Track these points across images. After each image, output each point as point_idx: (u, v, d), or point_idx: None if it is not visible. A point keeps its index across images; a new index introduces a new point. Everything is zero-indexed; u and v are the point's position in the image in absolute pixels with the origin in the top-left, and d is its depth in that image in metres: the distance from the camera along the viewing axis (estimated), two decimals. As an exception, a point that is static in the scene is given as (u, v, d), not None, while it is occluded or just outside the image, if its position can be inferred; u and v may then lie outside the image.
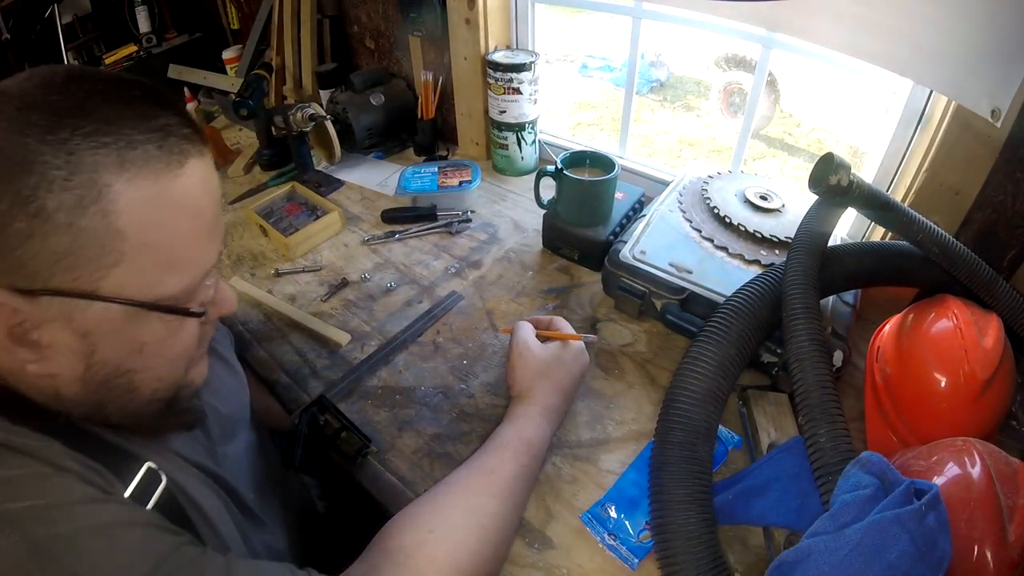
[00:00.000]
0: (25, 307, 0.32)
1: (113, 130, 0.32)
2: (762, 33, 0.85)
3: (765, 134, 3.37)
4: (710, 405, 0.53)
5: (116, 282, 0.33)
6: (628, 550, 0.53)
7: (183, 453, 0.45)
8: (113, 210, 0.31)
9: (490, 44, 1.06)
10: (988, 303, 0.61)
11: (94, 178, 0.31)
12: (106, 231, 0.31)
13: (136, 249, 0.33)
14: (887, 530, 0.38)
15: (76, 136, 0.30)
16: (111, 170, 0.31)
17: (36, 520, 0.30)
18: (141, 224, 0.32)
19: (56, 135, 0.30)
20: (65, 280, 0.32)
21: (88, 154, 0.30)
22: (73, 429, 0.37)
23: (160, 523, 0.35)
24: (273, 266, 0.93)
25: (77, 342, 0.34)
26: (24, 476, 0.32)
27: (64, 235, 0.30)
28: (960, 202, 0.71)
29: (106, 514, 0.33)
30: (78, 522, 0.31)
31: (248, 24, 1.48)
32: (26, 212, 0.29)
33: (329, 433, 0.62)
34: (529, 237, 0.97)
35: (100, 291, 0.33)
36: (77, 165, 0.30)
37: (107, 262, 0.32)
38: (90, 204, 0.31)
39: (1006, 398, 0.56)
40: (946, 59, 0.60)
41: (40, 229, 0.30)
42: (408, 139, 1.26)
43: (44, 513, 0.31)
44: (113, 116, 0.32)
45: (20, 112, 0.30)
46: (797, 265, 0.57)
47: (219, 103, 1.44)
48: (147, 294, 0.34)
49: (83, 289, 0.32)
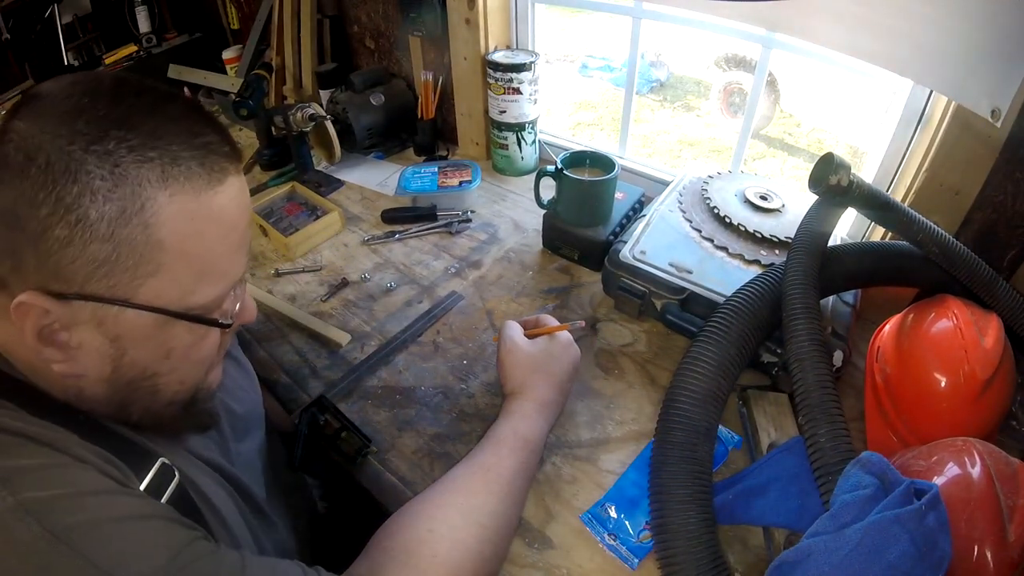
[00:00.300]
0: (56, 309, 0.32)
1: (159, 145, 0.32)
2: (762, 33, 0.85)
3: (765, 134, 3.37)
4: (710, 405, 0.53)
5: (152, 291, 0.34)
6: (628, 550, 0.53)
7: (196, 451, 0.45)
8: (154, 223, 0.32)
9: (490, 44, 1.06)
10: (988, 303, 0.61)
11: (137, 191, 0.31)
12: (146, 243, 0.32)
13: (174, 260, 0.33)
14: (887, 530, 0.38)
15: (121, 148, 0.31)
16: (154, 184, 0.32)
17: (55, 509, 0.31)
18: (180, 236, 0.33)
19: (102, 145, 0.30)
20: (101, 287, 0.32)
21: (133, 167, 0.31)
22: (89, 423, 0.37)
23: (175, 517, 0.36)
24: (273, 266, 0.93)
25: (107, 346, 0.35)
26: (44, 466, 0.32)
27: (104, 244, 0.31)
28: (960, 202, 0.71)
29: (123, 506, 0.33)
30: (96, 512, 0.32)
31: (248, 24, 1.48)
32: (67, 220, 0.30)
33: (329, 433, 0.62)
34: (529, 237, 0.97)
35: (135, 299, 0.33)
36: (122, 177, 0.31)
37: (145, 271, 0.33)
38: (132, 216, 0.31)
39: (1006, 398, 0.56)
40: (946, 59, 0.60)
41: (80, 237, 0.30)
42: (408, 139, 1.25)
43: (63, 503, 0.31)
44: (159, 131, 0.32)
45: (65, 118, 0.30)
46: (797, 265, 0.57)
47: (219, 103, 1.44)
48: (180, 303, 0.35)
49: (118, 296, 0.33)
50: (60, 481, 0.32)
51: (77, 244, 0.31)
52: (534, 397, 0.59)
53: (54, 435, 0.34)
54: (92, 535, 0.31)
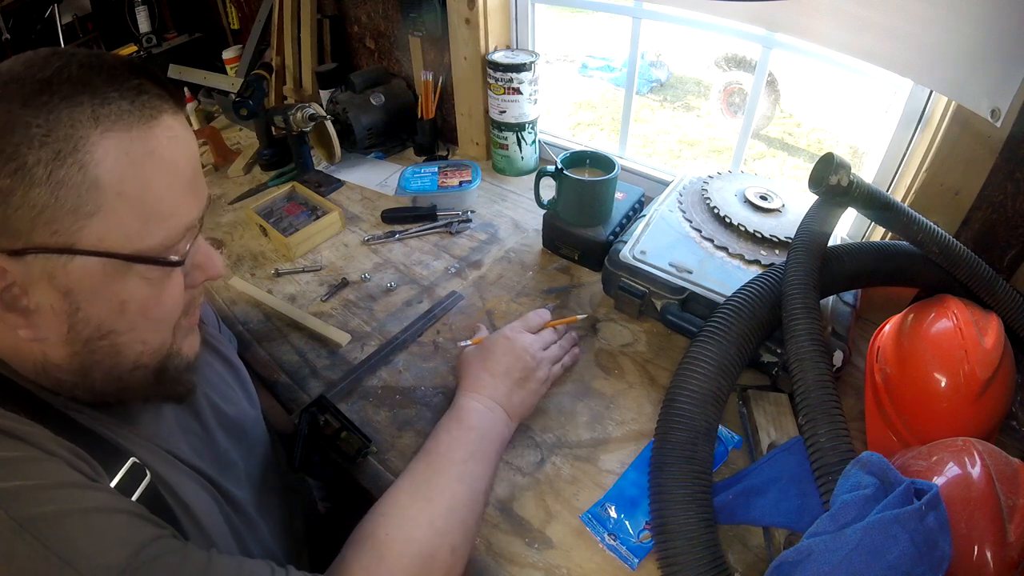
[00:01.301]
0: (13, 267, 0.33)
1: (88, 90, 0.33)
2: (762, 33, 0.85)
3: (765, 134, 3.37)
4: (710, 405, 0.53)
5: (94, 234, 0.34)
6: (628, 550, 0.53)
7: (175, 451, 0.45)
8: (89, 161, 0.33)
9: (490, 44, 1.06)
10: (988, 303, 0.61)
11: (70, 132, 0.32)
12: (83, 181, 0.33)
13: (113, 199, 0.34)
14: (887, 530, 0.38)
15: (55, 98, 0.32)
16: (86, 124, 0.33)
17: (22, 500, 0.31)
18: (117, 175, 0.34)
19: (37, 99, 0.32)
20: (46, 235, 0.33)
21: (65, 112, 0.32)
22: (63, 419, 0.38)
23: (143, 514, 0.36)
24: (273, 266, 0.93)
25: (60, 301, 0.35)
26: (13, 459, 0.33)
27: (43, 188, 0.32)
28: (960, 202, 0.71)
29: (91, 499, 0.34)
30: (63, 504, 0.32)
31: (248, 24, 1.48)
32: (7, 170, 0.31)
33: (329, 433, 0.62)
34: (529, 237, 0.97)
35: (79, 244, 0.34)
36: (55, 122, 0.32)
37: (85, 212, 0.33)
38: (67, 156, 0.32)
39: (1006, 398, 0.56)
40: (946, 59, 0.60)
41: (21, 184, 0.31)
42: (408, 139, 1.25)
43: (31, 494, 0.32)
44: (91, 79, 0.33)
45: (4, 86, 0.32)
46: (797, 265, 0.57)
47: (219, 103, 1.44)
48: (125, 247, 0.35)
49: (63, 243, 0.33)
50: (28, 473, 0.32)
51: (19, 193, 0.31)
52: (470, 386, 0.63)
53: (25, 428, 0.34)
54: (56, 526, 0.31)
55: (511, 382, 0.63)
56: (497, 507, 0.58)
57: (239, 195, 1.12)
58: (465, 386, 0.63)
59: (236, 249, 0.98)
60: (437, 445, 0.56)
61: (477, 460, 0.55)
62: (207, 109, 1.48)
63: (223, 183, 1.18)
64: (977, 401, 0.53)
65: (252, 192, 1.13)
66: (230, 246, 0.99)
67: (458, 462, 0.54)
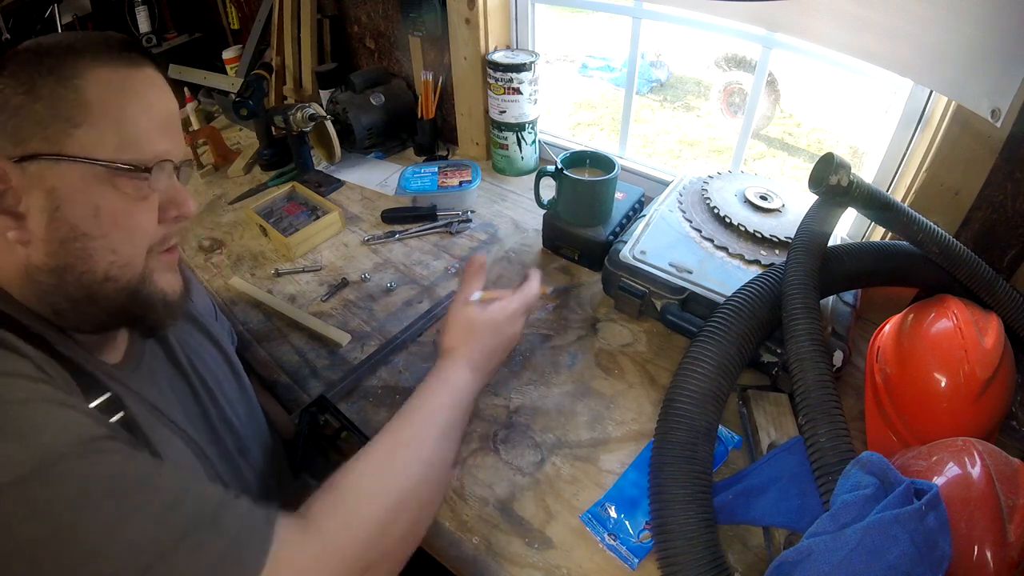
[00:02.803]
0: (13, 173, 0.39)
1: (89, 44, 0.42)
2: (762, 33, 0.85)
3: (765, 134, 3.37)
4: (710, 405, 0.53)
5: (79, 143, 0.40)
6: (628, 550, 0.53)
7: (165, 411, 0.46)
8: (83, 85, 0.40)
9: (490, 44, 1.06)
10: (988, 303, 0.61)
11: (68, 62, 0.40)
12: (75, 100, 0.40)
13: (97, 117, 0.40)
14: (887, 530, 0.38)
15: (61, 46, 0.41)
16: (85, 61, 0.41)
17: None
18: (103, 100, 0.41)
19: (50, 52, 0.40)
20: (41, 142, 0.39)
21: (69, 57, 0.40)
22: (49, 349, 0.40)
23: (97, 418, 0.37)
24: (273, 266, 0.93)
25: (44, 199, 0.40)
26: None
27: (44, 103, 0.39)
28: (960, 202, 0.71)
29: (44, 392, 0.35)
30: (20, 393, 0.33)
31: (248, 24, 1.48)
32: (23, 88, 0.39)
33: (329, 433, 0.62)
34: (529, 237, 0.97)
35: (66, 150, 0.39)
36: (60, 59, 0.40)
37: (73, 123, 0.40)
38: (66, 80, 0.40)
39: (1006, 398, 0.56)
40: (946, 59, 0.60)
41: (28, 100, 0.39)
42: (408, 139, 1.26)
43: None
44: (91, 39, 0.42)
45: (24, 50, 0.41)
46: (797, 265, 0.57)
47: (219, 103, 1.44)
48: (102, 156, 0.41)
49: (53, 150, 0.39)
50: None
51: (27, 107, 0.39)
52: (467, 355, 0.57)
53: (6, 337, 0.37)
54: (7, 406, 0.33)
55: (497, 362, 0.59)
56: (497, 507, 0.58)
57: (239, 195, 1.12)
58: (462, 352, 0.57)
59: (236, 249, 0.98)
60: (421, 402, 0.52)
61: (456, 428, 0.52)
62: (207, 109, 1.48)
63: (223, 183, 1.18)
64: (977, 401, 0.53)
65: (252, 192, 1.13)
66: (230, 246, 0.99)
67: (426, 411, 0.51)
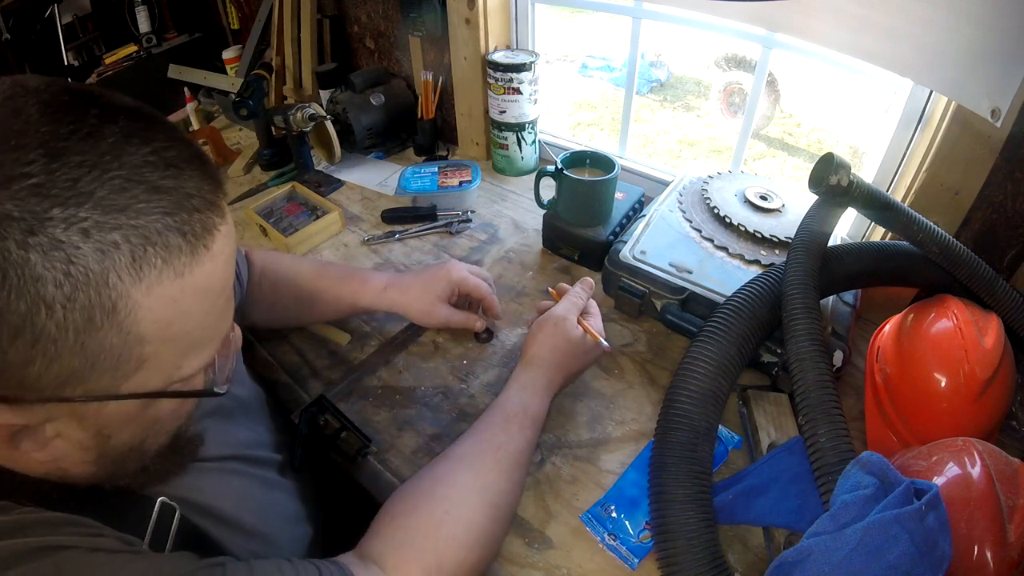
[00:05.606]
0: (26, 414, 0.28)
1: (122, 220, 0.24)
2: (762, 33, 0.85)
3: (765, 134, 3.37)
4: (710, 405, 0.53)
5: (136, 383, 0.29)
6: (628, 550, 0.53)
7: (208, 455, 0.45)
8: (132, 320, 0.26)
9: (490, 44, 1.05)
10: (988, 303, 0.61)
11: (104, 291, 0.25)
12: (124, 343, 0.27)
13: (157, 348, 0.29)
14: (887, 530, 0.38)
15: (72, 234, 0.23)
16: (125, 278, 0.25)
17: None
18: (162, 325, 0.28)
19: (45, 234, 0.22)
20: (77, 391, 0.27)
21: (94, 261, 0.24)
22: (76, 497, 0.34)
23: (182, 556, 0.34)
24: (273, 266, 0.93)
25: (90, 438, 0.31)
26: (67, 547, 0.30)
27: (75, 356, 0.25)
28: (960, 202, 0.71)
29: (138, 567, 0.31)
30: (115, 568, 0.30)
31: (248, 24, 1.48)
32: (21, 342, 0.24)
33: (329, 433, 0.62)
34: (529, 237, 0.97)
35: (118, 392, 0.29)
36: (82, 279, 0.24)
37: (127, 371, 0.28)
38: (103, 321, 0.25)
39: (1006, 398, 0.56)
40: (946, 59, 0.60)
41: (43, 355, 0.25)
42: (408, 139, 1.25)
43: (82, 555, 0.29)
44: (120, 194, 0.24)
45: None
46: (797, 265, 0.57)
47: (219, 103, 1.44)
48: (166, 382, 0.31)
49: (98, 395, 0.28)
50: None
51: (40, 362, 0.25)
52: (548, 374, 0.58)
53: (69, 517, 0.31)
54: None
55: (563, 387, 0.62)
56: (497, 507, 0.58)
57: (239, 195, 1.12)
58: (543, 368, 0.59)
59: (236, 249, 0.98)
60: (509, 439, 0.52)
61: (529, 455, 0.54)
62: (207, 109, 1.48)
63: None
64: (977, 401, 0.53)
65: (252, 192, 1.13)
66: (230, 246, 0.99)
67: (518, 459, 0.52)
